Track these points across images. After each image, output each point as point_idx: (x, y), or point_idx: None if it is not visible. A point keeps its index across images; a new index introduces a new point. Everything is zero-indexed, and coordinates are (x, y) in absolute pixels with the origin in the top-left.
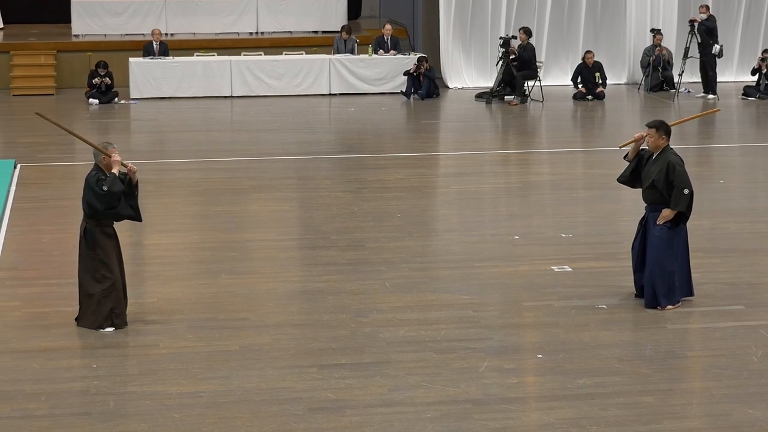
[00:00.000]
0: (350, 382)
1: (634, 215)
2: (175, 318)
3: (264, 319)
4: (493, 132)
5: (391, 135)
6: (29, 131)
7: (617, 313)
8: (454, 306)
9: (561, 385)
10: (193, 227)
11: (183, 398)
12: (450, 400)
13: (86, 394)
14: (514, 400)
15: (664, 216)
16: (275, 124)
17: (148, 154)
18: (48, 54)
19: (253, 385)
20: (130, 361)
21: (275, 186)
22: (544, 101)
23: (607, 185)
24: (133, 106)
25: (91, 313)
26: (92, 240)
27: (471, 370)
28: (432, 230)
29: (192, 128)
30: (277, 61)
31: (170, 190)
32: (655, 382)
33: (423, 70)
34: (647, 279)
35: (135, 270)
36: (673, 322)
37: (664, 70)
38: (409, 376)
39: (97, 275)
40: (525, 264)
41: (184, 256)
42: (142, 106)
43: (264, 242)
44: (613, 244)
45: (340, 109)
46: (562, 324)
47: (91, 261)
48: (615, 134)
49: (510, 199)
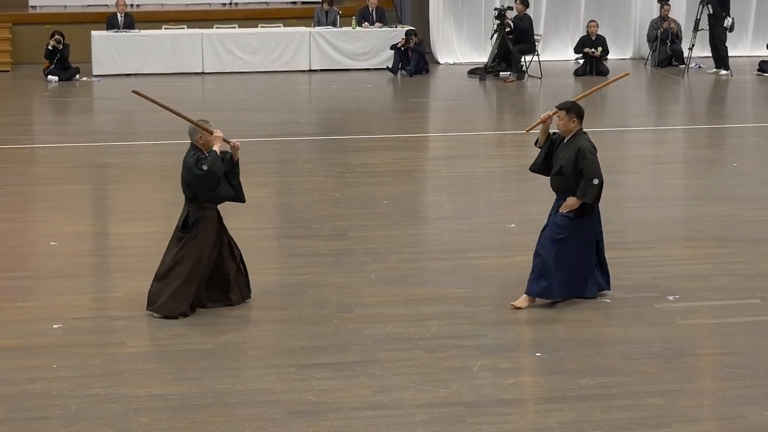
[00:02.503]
0: (333, 383)
1: (641, 201)
2: (143, 314)
3: (239, 315)
4: (488, 111)
5: (377, 115)
6: None
7: (622, 308)
8: (446, 300)
9: (561, 386)
10: (162, 215)
11: (151, 401)
12: (441, 403)
13: (46, 396)
14: (511, 402)
15: (569, 205)
16: (251, 102)
17: (112, 136)
18: (2, 27)
19: (228, 387)
20: (94, 361)
21: (251, 170)
22: (543, 78)
23: (610, 169)
24: (96, 83)
25: (170, 298)
26: (194, 226)
27: (464, 370)
28: (421, 218)
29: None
30: (253, 35)
31: (137, 174)
32: (663, 383)
33: (411, 45)
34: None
35: (99, 262)
36: (682, 317)
37: (672, 43)
38: (397, 376)
39: (185, 261)
40: (522, 254)
41: (153, 246)
42: (106, 83)
43: (239, 231)
44: (618, 233)
45: (321, 86)
46: (562, 319)
47: (184, 245)
48: (620, 113)
49: (506, 184)
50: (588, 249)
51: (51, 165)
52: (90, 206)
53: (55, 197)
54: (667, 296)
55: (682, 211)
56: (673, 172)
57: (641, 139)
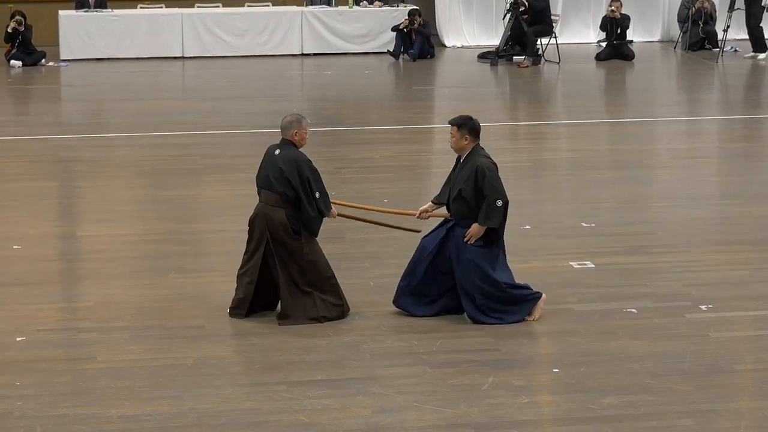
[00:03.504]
0: (327, 403)
1: (671, 200)
2: (116, 325)
3: (222, 327)
4: (500, 100)
5: (377, 104)
6: None
7: (650, 319)
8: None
9: (582, 406)
10: (136, 215)
11: (125, 422)
12: (448, 424)
13: (8, 417)
14: (526, 423)
15: (473, 233)
16: (236, 90)
17: (82, 128)
18: None
19: (210, 407)
20: (61, 378)
21: (236, 165)
22: (561, 62)
23: (636, 164)
24: (64, 69)
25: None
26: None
27: (473, 388)
28: (426, 219)
29: (135, 96)
30: (238, 15)
31: (109, 170)
32: (695, 402)
33: (415, 26)
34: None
35: (67, 267)
36: (716, 328)
37: (705, 24)
38: (399, 395)
39: (313, 266)
40: (538, 259)
41: (126, 250)
42: (75, 68)
43: (222, 233)
44: (645, 236)
45: (314, 72)
46: (583, 332)
47: (301, 252)
48: (647, 102)
49: (520, 181)
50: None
51: (13, 159)
52: (56, 205)
53: (18, 195)
54: (699, 306)
55: (716, 211)
56: (707, 168)
57: (671, 131)
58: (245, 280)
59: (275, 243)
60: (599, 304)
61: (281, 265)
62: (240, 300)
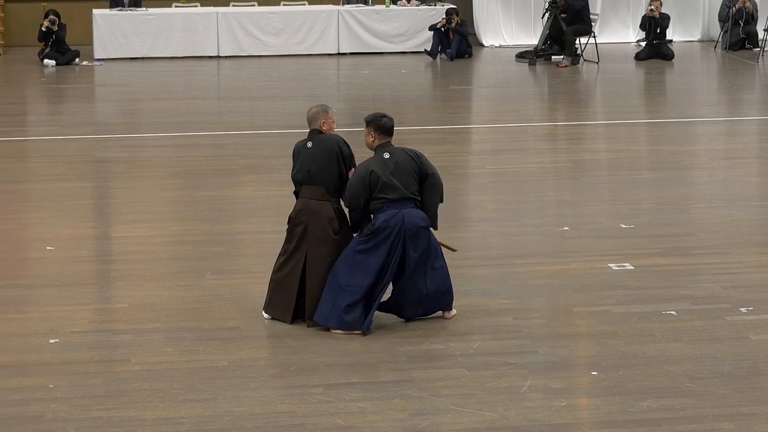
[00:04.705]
0: (363, 406)
1: (710, 201)
2: (150, 327)
3: (258, 328)
4: (538, 100)
5: (414, 104)
6: None
7: (689, 321)
8: (491, 312)
9: (620, 409)
10: (171, 216)
11: (159, 425)
12: (485, 427)
13: (41, 419)
14: (564, 426)
15: None
16: (272, 90)
17: (116, 128)
18: None
19: (245, 409)
20: (95, 380)
21: (272, 166)
22: (600, 62)
23: (676, 165)
24: (98, 68)
25: None
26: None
27: (511, 391)
28: (463, 220)
29: (170, 95)
30: (274, 14)
31: (144, 171)
32: (734, 405)
33: (452, 25)
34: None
35: (101, 269)
36: (757, 331)
37: (746, 24)
38: (435, 397)
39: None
40: (577, 261)
41: (161, 251)
42: (109, 68)
43: (258, 234)
44: (684, 237)
45: (350, 72)
46: (621, 334)
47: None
48: (686, 102)
49: (558, 182)
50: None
51: (46, 160)
52: (90, 206)
53: (51, 196)
54: (739, 308)
55: (756, 213)
56: (747, 169)
57: (711, 132)
58: (289, 282)
59: (315, 240)
60: (638, 306)
61: (318, 264)
62: (285, 303)
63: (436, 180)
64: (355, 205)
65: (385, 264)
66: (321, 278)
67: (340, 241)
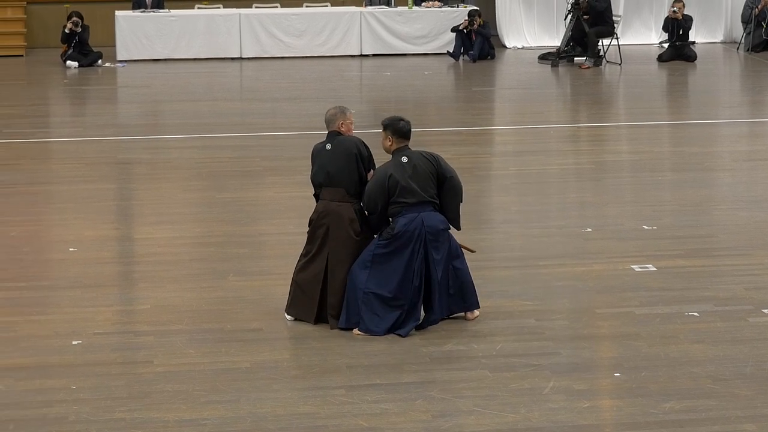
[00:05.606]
0: (386, 407)
1: (733, 203)
2: (173, 329)
3: (280, 330)
4: (561, 101)
5: (436, 105)
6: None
7: (712, 322)
8: (513, 314)
9: (643, 410)
10: (194, 218)
11: (182, 427)
12: (508, 429)
13: (64, 421)
14: (586, 428)
15: None
16: (294, 91)
17: (138, 129)
18: (16, 6)
19: (268, 411)
20: (117, 382)
21: (294, 167)
22: (622, 63)
23: (699, 166)
24: (121, 69)
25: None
26: (364, 224)
27: (533, 392)
28: (486, 221)
29: (193, 97)
30: (297, 15)
31: (166, 172)
32: (757, 407)
33: (475, 26)
34: None
35: (123, 270)
36: None
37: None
38: (458, 399)
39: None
40: (599, 262)
41: (184, 252)
42: (132, 69)
43: (281, 236)
44: (707, 238)
45: (373, 73)
46: (644, 335)
47: (357, 246)
48: (709, 104)
49: (581, 184)
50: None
51: (69, 161)
52: (113, 208)
53: (74, 198)
54: (762, 309)
55: None
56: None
57: (734, 133)
58: (312, 283)
59: (337, 241)
60: (660, 308)
61: (340, 265)
62: (308, 304)
63: (455, 183)
64: (372, 209)
65: (408, 268)
66: (343, 279)
67: (361, 242)
